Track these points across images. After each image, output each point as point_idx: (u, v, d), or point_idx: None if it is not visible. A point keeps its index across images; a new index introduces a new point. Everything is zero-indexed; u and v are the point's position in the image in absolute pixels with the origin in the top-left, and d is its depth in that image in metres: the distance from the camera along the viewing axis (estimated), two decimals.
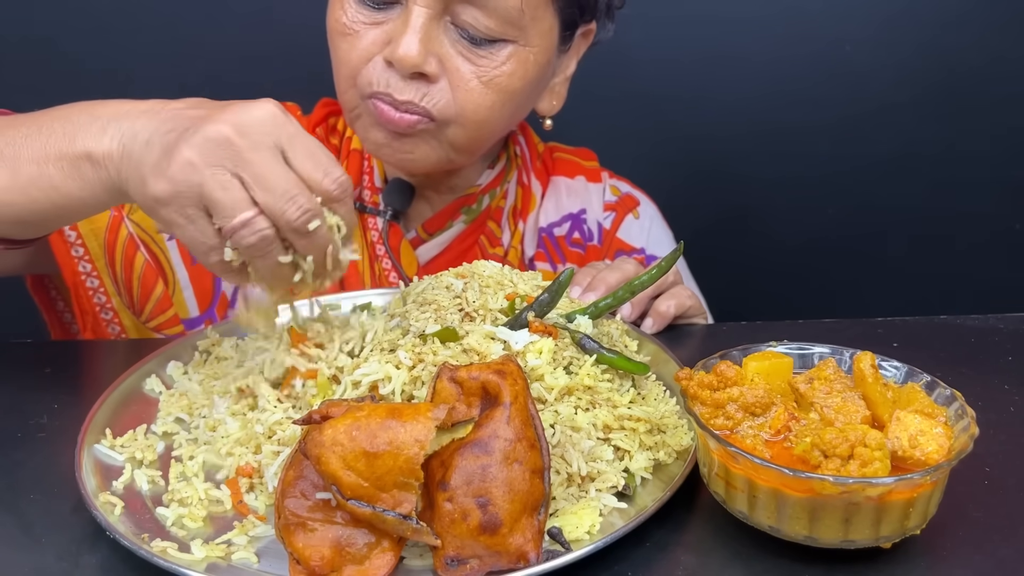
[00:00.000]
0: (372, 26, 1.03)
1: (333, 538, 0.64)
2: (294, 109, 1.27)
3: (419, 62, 1.00)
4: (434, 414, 0.63)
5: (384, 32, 1.03)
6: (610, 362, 0.80)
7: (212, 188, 0.71)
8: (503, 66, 1.03)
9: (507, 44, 1.03)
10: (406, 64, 1.00)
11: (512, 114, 1.10)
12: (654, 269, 0.88)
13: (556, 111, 1.18)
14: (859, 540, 0.64)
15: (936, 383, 0.72)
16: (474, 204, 1.23)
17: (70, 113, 0.82)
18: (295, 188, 0.72)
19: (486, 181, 1.24)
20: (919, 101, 1.85)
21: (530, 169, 1.30)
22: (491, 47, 1.02)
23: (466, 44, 1.02)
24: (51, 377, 0.97)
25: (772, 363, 0.74)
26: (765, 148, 1.89)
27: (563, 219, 1.29)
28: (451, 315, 0.84)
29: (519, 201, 1.28)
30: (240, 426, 0.80)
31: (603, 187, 1.33)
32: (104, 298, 1.13)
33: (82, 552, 0.70)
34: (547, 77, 1.13)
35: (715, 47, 1.83)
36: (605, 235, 1.31)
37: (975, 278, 1.95)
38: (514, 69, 1.04)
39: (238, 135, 0.71)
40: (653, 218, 1.34)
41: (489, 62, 1.03)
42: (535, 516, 0.64)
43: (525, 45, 1.04)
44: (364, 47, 1.04)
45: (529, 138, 1.33)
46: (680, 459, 0.76)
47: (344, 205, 0.76)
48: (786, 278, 1.97)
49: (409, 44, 0.99)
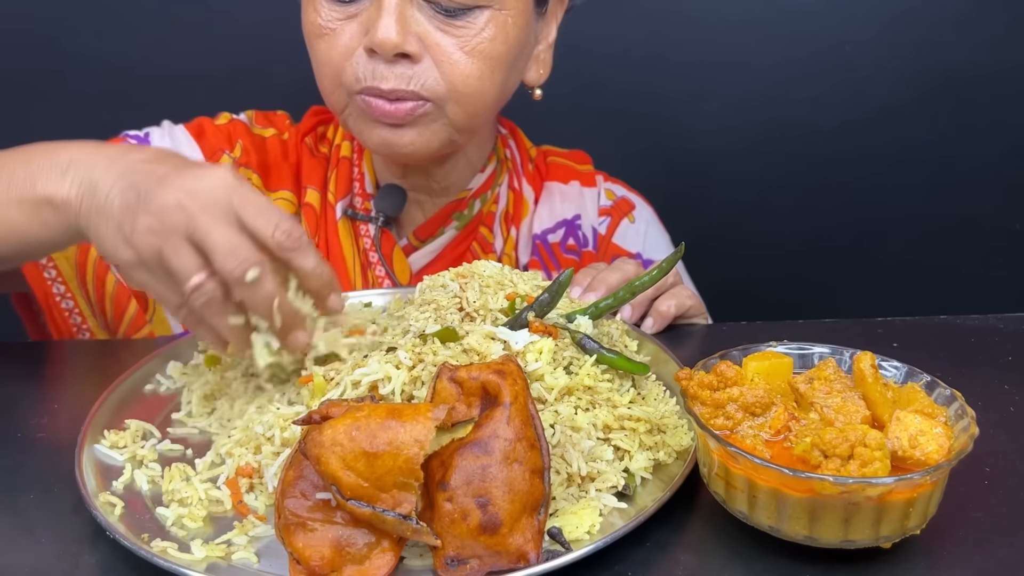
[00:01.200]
0: (347, 21, 1.04)
1: (333, 538, 0.64)
2: (283, 118, 1.28)
3: (399, 42, 1.00)
4: (434, 414, 0.63)
5: (360, 24, 1.03)
6: (610, 362, 0.80)
7: (168, 255, 0.74)
8: (482, 32, 1.03)
9: (483, 10, 1.03)
10: (387, 46, 1.00)
11: (503, 83, 1.09)
12: (655, 270, 0.88)
13: (544, 79, 1.17)
14: (859, 540, 0.64)
15: (936, 383, 0.72)
16: (465, 209, 1.22)
17: (31, 155, 0.85)
18: (237, 243, 0.73)
19: (476, 185, 1.23)
20: (919, 102, 1.85)
21: (521, 174, 1.29)
22: (467, 16, 1.02)
23: (442, 17, 1.02)
24: (51, 377, 0.97)
25: (772, 363, 0.74)
26: (765, 148, 1.89)
27: (557, 225, 1.29)
28: (451, 315, 0.84)
29: (511, 206, 1.27)
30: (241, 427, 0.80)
31: (598, 191, 1.32)
32: (80, 319, 1.13)
33: (82, 552, 0.70)
34: (530, 43, 1.12)
35: (715, 48, 1.83)
36: (600, 240, 1.30)
37: (975, 278, 1.95)
38: (494, 34, 1.03)
39: (190, 200, 0.73)
40: (649, 221, 1.33)
41: (468, 31, 1.03)
42: (535, 516, 0.64)
43: (501, 9, 1.03)
44: (343, 43, 1.04)
45: (520, 142, 1.31)
46: (680, 459, 0.76)
47: (300, 255, 0.76)
48: (786, 278, 1.97)
49: (387, 26, 1.00)
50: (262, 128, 1.26)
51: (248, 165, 1.21)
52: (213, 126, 1.23)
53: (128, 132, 1.21)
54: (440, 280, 0.89)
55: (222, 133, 1.22)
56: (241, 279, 0.73)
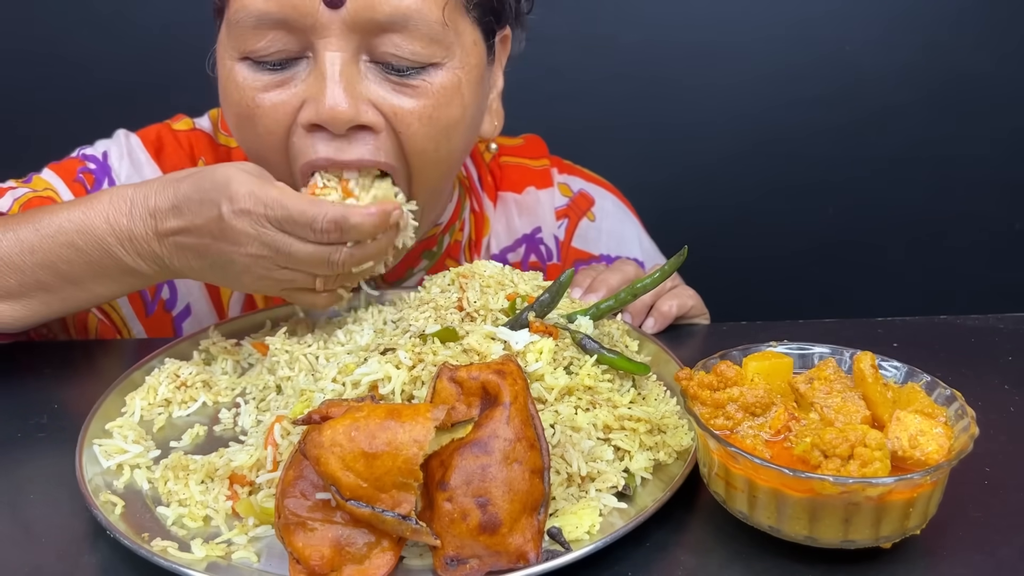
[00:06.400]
0: (277, 90, 0.91)
1: (333, 538, 0.64)
2: None
3: (353, 114, 0.88)
4: (433, 415, 0.63)
5: (292, 95, 0.90)
6: (611, 362, 0.80)
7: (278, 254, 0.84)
8: (439, 95, 0.92)
9: (438, 68, 0.91)
10: (340, 121, 0.88)
11: (464, 145, 1.00)
12: (656, 273, 0.87)
13: (498, 131, 1.07)
14: (859, 540, 0.64)
15: (936, 383, 0.72)
16: (435, 247, 1.15)
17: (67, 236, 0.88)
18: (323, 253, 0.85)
19: (446, 218, 1.15)
20: (919, 102, 1.86)
21: (480, 192, 1.21)
22: (421, 75, 0.91)
23: (395, 77, 0.91)
24: (51, 377, 0.97)
25: (772, 363, 0.74)
26: (766, 149, 1.90)
27: (516, 243, 1.23)
28: (451, 315, 0.84)
29: (474, 231, 1.20)
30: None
31: (553, 191, 1.24)
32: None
33: (82, 552, 0.70)
34: (485, 96, 1.02)
35: (715, 49, 1.84)
36: (561, 247, 1.23)
37: (975, 278, 1.95)
38: (451, 96, 0.93)
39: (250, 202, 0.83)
40: (611, 214, 1.26)
41: (424, 91, 0.91)
42: (535, 516, 0.64)
43: (456, 67, 0.93)
44: (276, 121, 0.91)
45: (475, 155, 1.23)
46: (680, 459, 0.76)
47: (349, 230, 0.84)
48: (786, 278, 1.98)
49: (334, 96, 0.87)
50: (228, 136, 1.16)
51: None
52: (172, 137, 1.15)
53: (84, 150, 1.14)
54: (440, 282, 0.89)
55: (183, 148, 1.15)
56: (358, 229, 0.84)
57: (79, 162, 1.13)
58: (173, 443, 0.83)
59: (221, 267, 0.87)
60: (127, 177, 1.12)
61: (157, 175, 1.12)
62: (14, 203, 1.04)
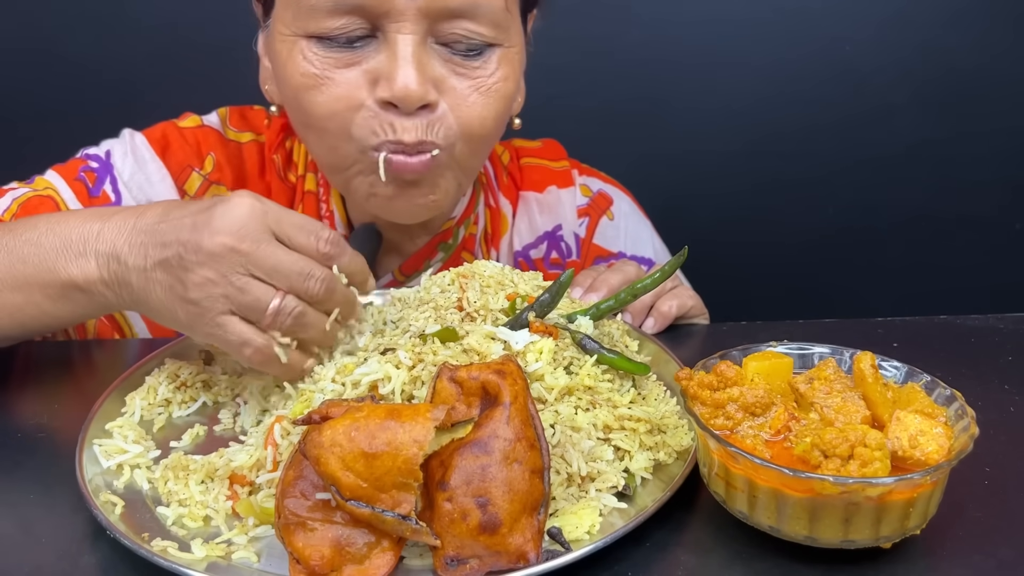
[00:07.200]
0: (346, 68, 0.94)
1: (333, 538, 0.64)
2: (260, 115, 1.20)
3: (424, 94, 0.93)
4: (433, 415, 0.63)
5: (364, 72, 0.94)
6: (611, 362, 0.80)
7: (234, 294, 0.75)
8: (497, 72, 0.98)
9: (495, 48, 0.98)
10: (412, 100, 0.92)
11: (508, 119, 1.06)
12: (657, 273, 0.87)
13: (521, 107, 1.12)
14: (859, 540, 0.64)
15: (936, 383, 0.72)
16: (450, 239, 1.18)
17: (34, 233, 0.84)
18: (306, 265, 0.76)
19: (460, 211, 1.18)
20: (919, 101, 1.86)
21: (496, 189, 1.24)
22: (482, 56, 0.97)
23: (459, 60, 0.96)
24: (51, 377, 0.97)
25: (772, 363, 0.74)
26: (765, 148, 1.90)
27: (539, 239, 1.25)
28: (451, 315, 0.84)
29: (489, 225, 1.22)
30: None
31: (574, 190, 1.28)
32: None
33: (82, 552, 0.70)
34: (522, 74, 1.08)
35: (715, 48, 1.84)
36: (582, 244, 1.26)
37: (975, 278, 1.95)
38: (507, 72, 0.99)
39: (237, 240, 0.74)
40: (627, 215, 1.29)
41: (483, 71, 0.97)
42: (535, 516, 0.64)
43: (509, 46, 0.99)
44: (347, 94, 0.94)
45: (492, 155, 1.26)
46: (680, 459, 0.76)
47: (343, 255, 0.79)
48: (786, 278, 1.98)
49: (408, 77, 0.92)
50: (237, 131, 1.18)
51: (221, 182, 1.15)
52: (179, 135, 1.16)
53: (87, 151, 1.15)
54: (441, 282, 0.89)
55: (189, 145, 1.15)
56: (319, 294, 0.76)
57: (81, 161, 1.13)
58: (173, 443, 0.83)
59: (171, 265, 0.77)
60: (130, 175, 1.12)
61: (161, 172, 1.13)
62: (13, 202, 1.04)
